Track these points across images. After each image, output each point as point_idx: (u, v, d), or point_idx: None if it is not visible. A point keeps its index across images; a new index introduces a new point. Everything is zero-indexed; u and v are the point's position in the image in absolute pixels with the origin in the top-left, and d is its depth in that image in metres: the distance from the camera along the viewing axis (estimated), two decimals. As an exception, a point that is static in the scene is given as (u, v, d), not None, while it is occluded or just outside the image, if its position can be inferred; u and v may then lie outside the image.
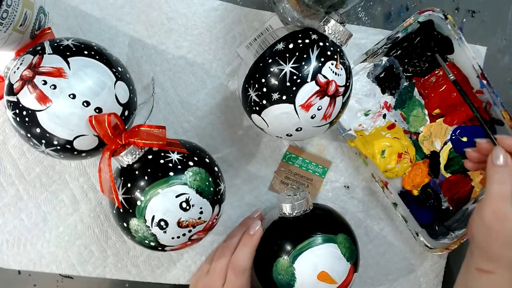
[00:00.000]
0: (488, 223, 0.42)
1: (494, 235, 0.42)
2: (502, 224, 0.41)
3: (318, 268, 0.44)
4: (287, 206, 0.47)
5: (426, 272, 0.58)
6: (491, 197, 0.42)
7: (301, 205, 0.47)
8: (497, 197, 0.42)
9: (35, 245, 0.53)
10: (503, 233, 0.41)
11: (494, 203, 0.42)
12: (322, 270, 0.44)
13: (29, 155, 0.51)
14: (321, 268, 0.44)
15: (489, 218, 0.42)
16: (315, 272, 0.44)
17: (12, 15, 0.37)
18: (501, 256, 0.42)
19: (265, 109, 0.41)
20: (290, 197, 0.48)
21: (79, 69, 0.37)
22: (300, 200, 0.47)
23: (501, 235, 0.41)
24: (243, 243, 0.48)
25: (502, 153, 0.43)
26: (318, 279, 0.44)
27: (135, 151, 0.40)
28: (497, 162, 0.43)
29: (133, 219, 0.39)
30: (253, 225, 0.48)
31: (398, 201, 0.53)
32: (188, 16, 0.50)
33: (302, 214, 0.47)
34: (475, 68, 0.51)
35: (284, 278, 0.45)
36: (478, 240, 0.43)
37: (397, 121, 0.55)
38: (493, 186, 0.42)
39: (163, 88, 0.52)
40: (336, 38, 0.41)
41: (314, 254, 0.44)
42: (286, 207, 0.47)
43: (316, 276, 0.44)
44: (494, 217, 0.41)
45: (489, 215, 0.42)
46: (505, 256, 0.42)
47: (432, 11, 0.49)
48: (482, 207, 0.42)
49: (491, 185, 0.42)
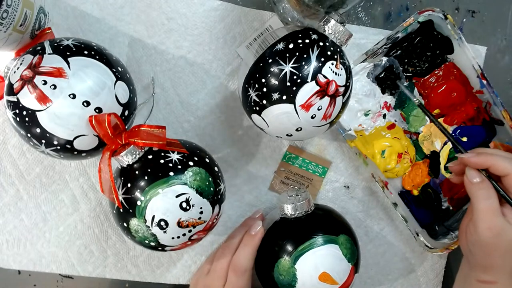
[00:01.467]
0: (485, 240, 0.42)
1: (492, 250, 0.42)
2: (499, 238, 0.41)
3: (320, 269, 0.44)
4: (288, 206, 0.47)
5: (426, 272, 0.58)
6: (482, 214, 0.42)
7: (302, 206, 0.47)
8: (488, 213, 0.42)
9: (35, 245, 0.53)
10: (502, 245, 0.42)
11: (487, 219, 0.42)
12: (323, 271, 0.44)
13: (29, 155, 0.51)
14: (322, 269, 0.44)
15: (485, 235, 0.42)
16: (316, 273, 0.44)
17: (12, 15, 0.37)
18: (501, 265, 0.42)
19: (265, 109, 0.41)
20: (291, 198, 0.48)
21: (79, 69, 0.37)
22: (301, 201, 0.47)
23: (499, 248, 0.42)
24: (244, 243, 0.48)
25: (476, 171, 0.43)
26: (320, 280, 0.44)
27: (135, 151, 0.40)
28: (474, 180, 0.43)
29: (133, 219, 0.39)
30: (254, 226, 0.48)
31: (398, 201, 0.53)
32: (188, 16, 0.50)
33: (303, 215, 0.47)
34: (475, 68, 0.51)
35: (286, 278, 0.45)
36: (477, 255, 0.43)
37: (397, 121, 0.55)
38: (481, 203, 0.42)
39: (163, 88, 0.52)
40: (336, 38, 0.41)
41: (316, 255, 0.44)
42: (287, 207, 0.47)
43: (317, 277, 0.44)
44: (490, 233, 0.42)
45: (485, 232, 0.42)
46: (505, 265, 0.42)
47: (432, 11, 0.49)
48: (475, 225, 0.42)
49: (478, 203, 0.42)
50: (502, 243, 0.41)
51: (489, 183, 0.42)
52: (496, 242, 0.42)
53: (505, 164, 0.42)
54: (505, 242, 0.41)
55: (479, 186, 0.43)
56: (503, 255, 0.42)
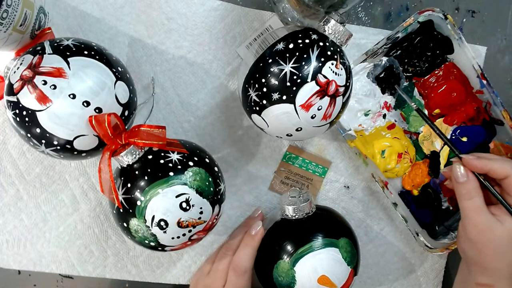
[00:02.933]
0: (473, 238, 0.43)
1: (482, 248, 0.43)
2: (486, 235, 0.42)
3: (319, 272, 0.44)
4: (289, 208, 0.47)
5: (426, 272, 0.58)
6: (467, 212, 0.43)
7: (304, 208, 0.47)
8: (472, 212, 0.43)
9: (35, 245, 0.53)
10: (490, 244, 0.42)
11: (472, 217, 0.43)
12: (322, 274, 0.44)
13: (29, 155, 0.51)
14: (321, 272, 0.44)
15: (473, 233, 0.43)
16: (315, 276, 0.44)
17: (12, 15, 0.37)
18: (496, 268, 0.43)
19: (265, 109, 0.41)
20: (293, 199, 0.48)
21: (79, 69, 0.37)
22: (303, 203, 0.47)
23: (489, 247, 0.42)
24: (245, 243, 0.48)
25: (460, 170, 0.44)
26: (318, 282, 0.44)
27: (135, 151, 0.40)
28: (459, 180, 0.44)
29: (133, 219, 0.39)
30: (254, 226, 0.48)
31: (398, 201, 0.53)
32: (188, 16, 0.50)
33: (304, 217, 0.47)
34: (475, 68, 0.51)
35: (285, 280, 0.45)
36: (470, 255, 0.44)
37: (397, 121, 0.55)
38: (464, 203, 0.44)
39: (163, 88, 0.52)
40: (336, 38, 0.41)
41: (315, 258, 0.44)
42: (289, 209, 0.47)
43: (316, 280, 0.44)
44: (476, 231, 0.43)
45: (472, 230, 0.43)
46: (500, 267, 0.43)
47: (432, 11, 0.49)
48: (464, 225, 0.44)
49: (461, 202, 0.44)
50: (490, 241, 0.42)
51: (474, 182, 0.43)
52: (484, 240, 0.42)
53: (504, 166, 0.42)
54: (494, 239, 0.42)
55: (464, 186, 0.44)
56: (495, 256, 0.43)
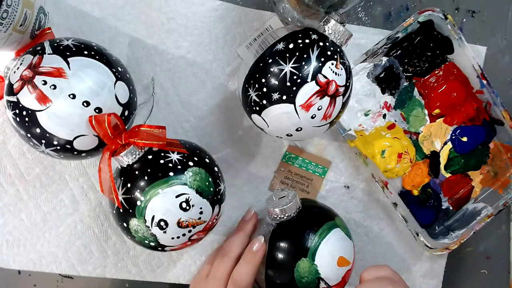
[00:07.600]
0: None
1: None
2: None
3: (335, 256, 0.45)
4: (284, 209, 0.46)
5: (426, 272, 0.58)
6: None
7: (291, 208, 0.46)
8: None
9: (35, 245, 0.53)
10: None
11: None
12: (339, 256, 0.45)
13: (29, 155, 0.51)
14: (337, 255, 0.45)
15: None
16: (334, 261, 0.45)
17: (12, 15, 0.37)
18: None
19: (265, 109, 0.41)
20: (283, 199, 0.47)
21: (79, 69, 0.37)
22: (291, 202, 0.46)
23: None
24: (246, 260, 0.46)
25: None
26: (338, 265, 0.45)
27: (135, 151, 0.40)
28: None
29: (133, 219, 0.39)
30: (255, 241, 0.47)
31: (398, 201, 0.53)
32: (188, 16, 0.50)
33: (296, 214, 0.47)
34: (475, 68, 0.51)
35: (309, 278, 0.44)
36: None
37: (397, 121, 0.55)
38: None
39: (163, 88, 0.52)
40: (336, 38, 0.41)
41: (328, 244, 0.45)
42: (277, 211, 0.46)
43: (336, 264, 0.45)
44: None
45: None
46: None
47: (432, 11, 0.49)
48: None
49: None
50: None
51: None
52: None
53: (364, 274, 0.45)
54: None
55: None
56: None
